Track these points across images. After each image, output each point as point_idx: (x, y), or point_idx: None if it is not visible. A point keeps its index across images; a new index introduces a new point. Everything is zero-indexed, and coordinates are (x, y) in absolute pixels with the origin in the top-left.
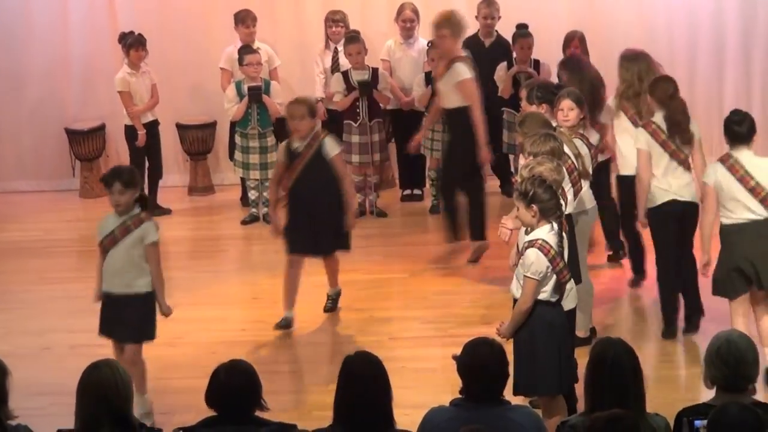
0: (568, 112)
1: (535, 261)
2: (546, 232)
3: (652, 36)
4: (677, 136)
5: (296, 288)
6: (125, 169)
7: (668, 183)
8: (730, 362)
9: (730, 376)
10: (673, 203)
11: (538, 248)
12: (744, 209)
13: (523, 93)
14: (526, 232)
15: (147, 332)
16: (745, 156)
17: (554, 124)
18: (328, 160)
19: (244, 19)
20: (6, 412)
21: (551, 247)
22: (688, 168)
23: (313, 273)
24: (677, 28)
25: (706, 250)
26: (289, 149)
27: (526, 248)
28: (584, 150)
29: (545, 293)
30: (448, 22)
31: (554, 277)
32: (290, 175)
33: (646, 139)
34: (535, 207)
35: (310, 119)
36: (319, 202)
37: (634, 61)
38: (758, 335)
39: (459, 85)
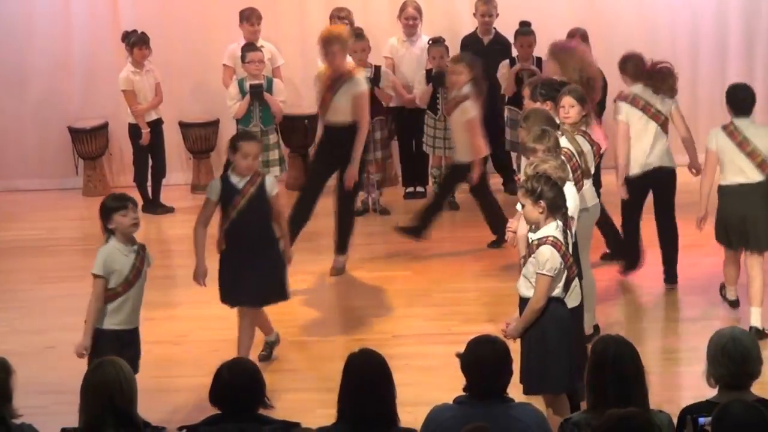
0: (569, 109)
1: (550, 258)
2: (554, 229)
3: (654, 36)
4: (661, 93)
5: (250, 339)
6: (124, 194)
7: (646, 151)
8: (736, 359)
9: (735, 373)
10: (649, 172)
11: (551, 245)
12: (738, 173)
13: (527, 91)
14: (531, 230)
15: (137, 365)
16: (745, 123)
17: (557, 121)
18: (269, 198)
19: (248, 17)
20: (10, 410)
21: (562, 243)
22: (666, 133)
23: (313, 272)
24: (680, 27)
25: (703, 205)
26: (227, 184)
27: (538, 246)
28: (586, 147)
29: (558, 289)
30: (338, 39)
31: (565, 272)
32: (229, 212)
33: (626, 110)
34: (542, 204)
35: (259, 157)
36: (258, 245)
37: (572, 50)
38: (747, 294)
39: (357, 97)
